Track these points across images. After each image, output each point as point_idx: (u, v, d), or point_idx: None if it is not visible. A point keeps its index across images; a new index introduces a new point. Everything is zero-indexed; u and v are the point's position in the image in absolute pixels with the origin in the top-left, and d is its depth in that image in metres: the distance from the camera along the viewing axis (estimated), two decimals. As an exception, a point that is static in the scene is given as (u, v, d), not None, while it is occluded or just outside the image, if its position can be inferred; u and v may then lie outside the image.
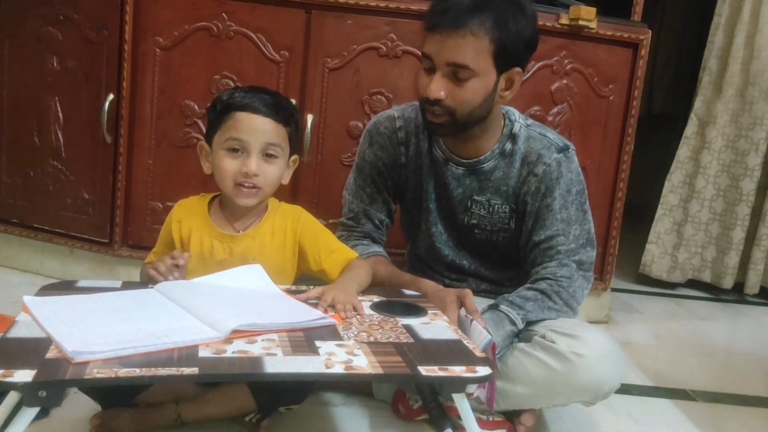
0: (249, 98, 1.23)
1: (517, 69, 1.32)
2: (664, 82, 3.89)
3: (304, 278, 1.37)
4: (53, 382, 0.83)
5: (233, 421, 1.26)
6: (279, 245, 1.30)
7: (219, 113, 1.25)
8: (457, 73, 1.27)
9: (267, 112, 1.22)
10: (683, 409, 1.59)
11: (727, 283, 2.66)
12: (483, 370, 0.95)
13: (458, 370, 0.95)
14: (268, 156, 1.23)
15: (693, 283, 2.74)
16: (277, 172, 1.26)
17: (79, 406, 1.23)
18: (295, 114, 1.30)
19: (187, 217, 1.30)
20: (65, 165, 1.98)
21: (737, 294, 2.70)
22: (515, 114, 1.44)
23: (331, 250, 1.32)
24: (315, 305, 1.14)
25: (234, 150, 1.22)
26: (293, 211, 1.34)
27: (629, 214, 2.15)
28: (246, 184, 1.22)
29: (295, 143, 1.30)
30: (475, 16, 1.23)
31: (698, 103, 2.60)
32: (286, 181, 1.31)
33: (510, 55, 1.28)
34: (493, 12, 1.24)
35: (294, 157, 1.31)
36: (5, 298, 1.79)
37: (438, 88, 1.28)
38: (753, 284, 2.66)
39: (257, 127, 1.22)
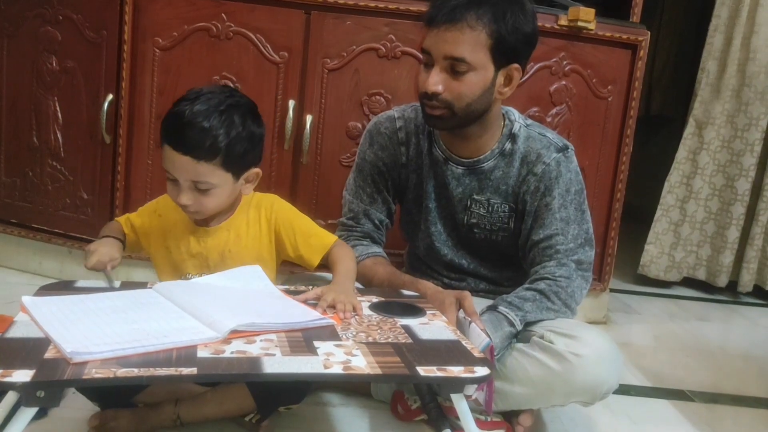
0: (176, 129, 1.16)
1: (516, 65, 1.32)
2: (663, 83, 3.89)
3: (302, 278, 1.37)
4: (52, 383, 0.83)
5: (232, 421, 1.26)
6: (255, 235, 1.30)
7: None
8: (455, 67, 1.27)
9: (187, 150, 1.15)
10: (681, 410, 1.59)
11: (722, 281, 2.67)
12: (481, 371, 0.95)
13: (456, 371, 0.95)
14: (200, 189, 1.19)
15: (688, 281, 2.75)
16: (215, 200, 1.21)
17: (78, 407, 1.23)
18: (233, 133, 1.17)
19: (168, 212, 1.31)
20: (64, 165, 1.98)
21: (731, 292, 2.71)
22: (515, 114, 1.44)
23: (308, 235, 1.31)
24: (314, 306, 1.14)
25: (171, 179, 1.21)
26: (267, 200, 1.33)
27: (627, 215, 2.15)
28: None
29: (242, 164, 1.21)
30: (473, 10, 1.25)
31: (696, 105, 2.60)
32: (247, 192, 1.28)
33: (508, 50, 1.28)
34: (491, 6, 1.26)
35: (252, 171, 1.25)
36: (4, 298, 1.79)
37: (435, 81, 1.29)
38: (746, 282, 2.67)
39: (180, 166, 1.17)
